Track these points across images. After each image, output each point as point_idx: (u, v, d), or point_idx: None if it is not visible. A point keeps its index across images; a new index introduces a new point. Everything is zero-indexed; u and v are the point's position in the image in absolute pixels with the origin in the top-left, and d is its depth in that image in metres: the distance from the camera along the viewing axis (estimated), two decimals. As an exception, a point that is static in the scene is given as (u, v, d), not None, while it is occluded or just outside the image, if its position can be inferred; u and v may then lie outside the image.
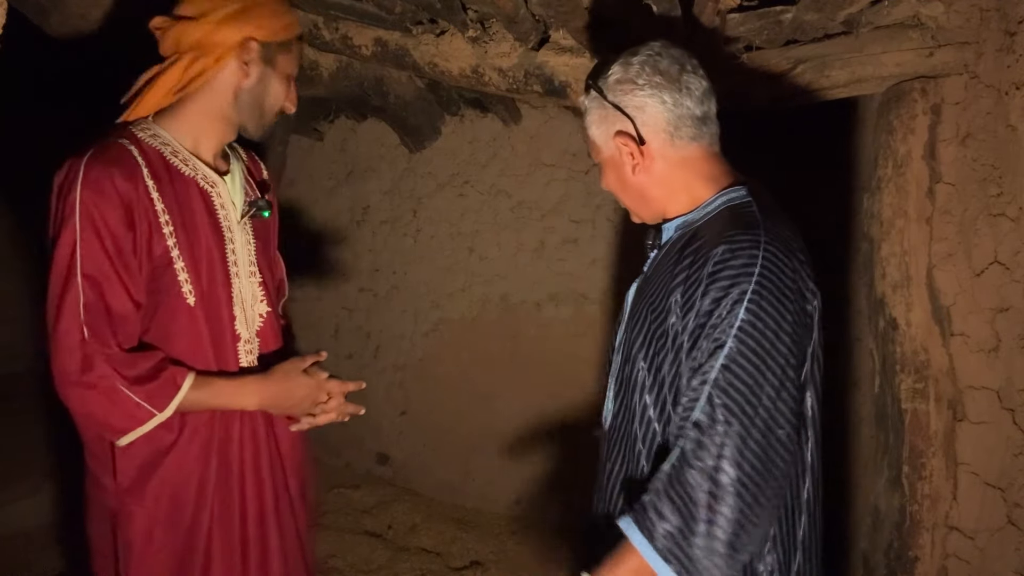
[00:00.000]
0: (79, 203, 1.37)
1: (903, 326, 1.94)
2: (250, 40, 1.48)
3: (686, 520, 1.10)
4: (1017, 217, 1.71)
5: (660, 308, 1.25)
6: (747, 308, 1.12)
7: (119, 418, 1.40)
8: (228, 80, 1.51)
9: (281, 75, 1.56)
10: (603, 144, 1.34)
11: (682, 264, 1.23)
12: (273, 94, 1.57)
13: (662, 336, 1.23)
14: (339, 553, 3.14)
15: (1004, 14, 1.74)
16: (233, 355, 1.57)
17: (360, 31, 2.40)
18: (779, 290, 1.14)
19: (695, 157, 1.31)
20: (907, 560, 1.90)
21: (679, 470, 1.12)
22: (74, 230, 1.37)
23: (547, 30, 2.20)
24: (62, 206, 1.39)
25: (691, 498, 1.10)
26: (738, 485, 1.09)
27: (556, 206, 3.46)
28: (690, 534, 1.10)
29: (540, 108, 3.40)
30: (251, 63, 1.50)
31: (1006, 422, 1.74)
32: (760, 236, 1.18)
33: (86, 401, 1.38)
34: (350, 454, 3.97)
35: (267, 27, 1.50)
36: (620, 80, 1.29)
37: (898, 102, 1.99)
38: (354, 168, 3.99)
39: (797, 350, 1.16)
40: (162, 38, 1.50)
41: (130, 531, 1.48)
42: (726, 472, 1.09)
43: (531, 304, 3.51)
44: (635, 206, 1.38)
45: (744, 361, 1.12)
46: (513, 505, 3.50)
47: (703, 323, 1.16)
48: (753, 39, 2.04)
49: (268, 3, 1.52)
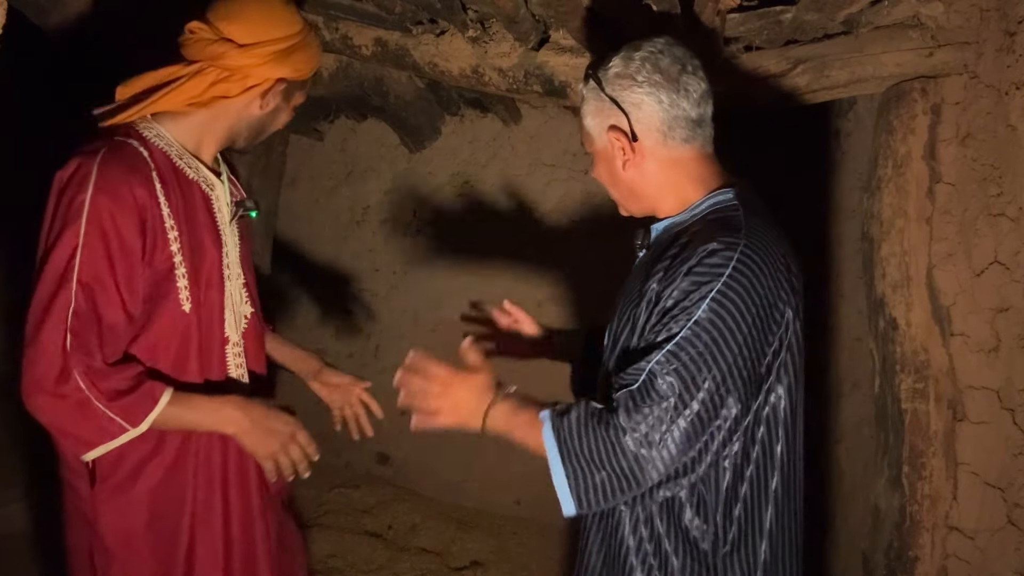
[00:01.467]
0: (88, 206, 1.33)
1: (903, 326, 1.94)
2: (281, 80, 1.51)
3: (595, 464, 1.17)
4: (1017, 217, 1.71)
5: (636, 303, 1.28)
6: (708, 305, 1.16)
7: (90, 431, 1.35)
8: (245, 105, 1.52)
9: (291, 107, 1.61)
10: (596, 136, 1.35)
11: (662, 262, 1.26)
12: (278, 123, 1.62)
13: (633, 330, 1.27)
14: (339, 553, 3.14)
15: (1004, 14, 1.74)
16: (220, 359, 1.55)
17: (360, 31, 2.40)
18: (746, 293, 1.18)
19: (686, 158, 1.32)
20: (907, 560, 1.90)
21: (603, 417, 1.18)
22: (77, 234, 1.33)
23: (547, 30, 2.20)
24: (66, 207, 1.35)
25: (612, 451, 1.16)
26: (650, 452, 1.15)
27: (556, 206, 3.46)
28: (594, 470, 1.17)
29: (540, 108, 3.40)
30: (272, 97, 1.53)
31: (1006, 422, 1.74)
32: (740, 240, 1.20)
33: (56, 412, 1.33)
34: (350, 454, 3.97)
35: (301, 69, 1.53)
36: (620, 74, 1.29)
37: (898, 102, 1.99)
38: (354, 168, 3.99)
39: (750, 353, 1.19)
40: (192, 43, 1.47)
41: (108, 539, 1.45)
42: (630, 441, 1.15)
43: (532, 304, 3.52)
44: (624, 200, 1.40)
45: (691, 349, 1.16)
46: (513, 505, 3.50)
47: (667, 309, 1.19)
48: (753, 39, 2.04)
49: (311, 44, 1.54)
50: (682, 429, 1.16)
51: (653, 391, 1.16)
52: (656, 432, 1.15)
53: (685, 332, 1.16)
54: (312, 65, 1.56)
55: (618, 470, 1.16)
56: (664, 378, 1.16)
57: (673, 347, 1.16)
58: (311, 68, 1.56)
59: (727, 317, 1.16)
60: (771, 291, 1.21)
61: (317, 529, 3.29)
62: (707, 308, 1.16)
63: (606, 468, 1.17)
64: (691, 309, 1.17)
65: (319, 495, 3.60)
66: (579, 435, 1.18)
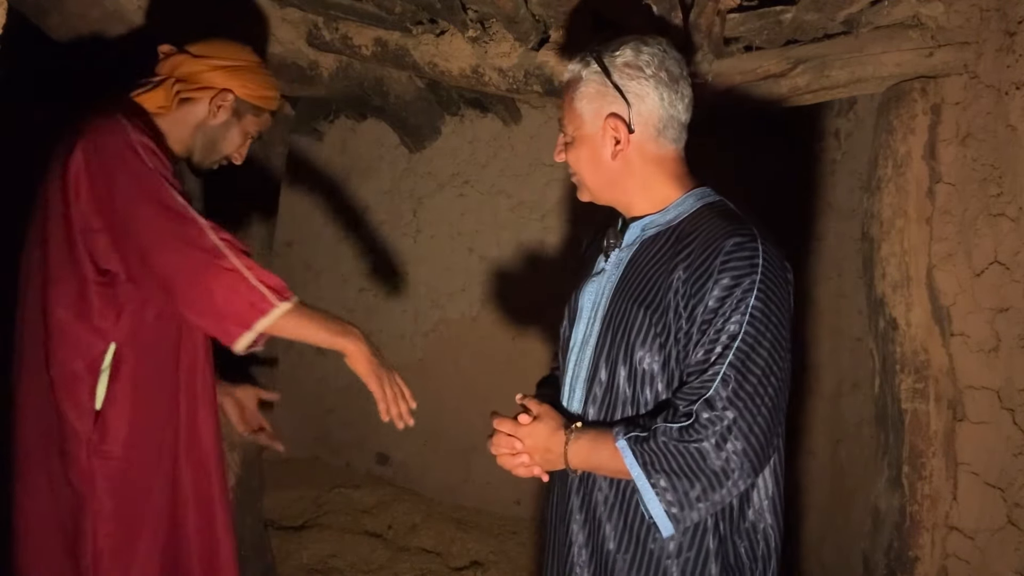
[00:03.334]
0: (138, 144, 1.48)
1: (903, 326, 1.94)
2: (228, 92, 1.68)
3: (688, 478, 1.17)
4: (1017, 217, 1.71)
5: (658, 304, 1.26)
6: (756, 296, 1.18)
7: (245, 307, 1.43)
8: (198, 113, 1.68)
9: (242, 131, 1.74)
10: (590, 120, 1.33)
11: (679, 259, 1.25)
12: (229, 141, 1.74)
13: (664, 331, 1.25)
14: (339, 553, 3.14)
15: (1004, 14, 1.74)
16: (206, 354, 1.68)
17: (360, 31, 2.40)
18: (776, 281, 1.21)
19: (670, 158, 1.34)
20: (907, 560, 1.90)
21: (687, 433, 1.17)
22: (144, 163, 1.47)
23: (547, 30, 2.20)
24: (115, 155, 1.46)
25: (704, 462, 1.16)
26: (743, 457, 1.16)
27: (556, 206, 3.47)
28: (690, 492, 1.18)
29: (540, 108, 3.40)
30: (222, 109, 1.68)
31: (1006, 422, 1.74)
32: (754, 231, 1.23)
33: (221, 283, 1.42)
34: (350, 454, 3.97)
35: (249, 89, 1.70)
36: (629, 64, 1.29)
37: (898, 102, 1.99)
38: (354, 168, 3.99)
39: (789, 335, 1.24)
40: (163, 61, 1.69)
41: (105, 500, 1.52)
42: (734, 445, 1.16)
43: (531, 304, 3.52)
44: (598, 187, 1.38)
45: (757, 346, 1.18)
46: (513, 505, 3.50)
47: (715, 310, 1.19)
48: (753, 39, 2.04)
49: (261, 74, 1.73)
50: (766, 420, 1.18)
51: (730, 393, 1.17)
52: (743, 433, 1.16)
53: (747, 328, 1.18)
54: (263, 94, 1.72)
55: (712, 481, 1.17)
56: (739, 378, 1.17)
57: (741, 344, 1.17)
58: (262, 96, 1.72)
59: (772, 306, 1.19)
60: (785, 279, 1.25)
61: (317, 529, 3.29)
62: (756, 300, 1.18)
63: (700, 482, 1.17)
64: (741, 305, 1.18)
65: (319, 495, 3.60)
66: (664, 456, 1.18)
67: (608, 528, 1.30)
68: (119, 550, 1.54)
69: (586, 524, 1.34)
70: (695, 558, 1.25)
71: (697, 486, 1.17)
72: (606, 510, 1.31)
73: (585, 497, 1.34)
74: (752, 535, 1.28)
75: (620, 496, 1.29)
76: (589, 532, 1.33)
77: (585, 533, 1.34)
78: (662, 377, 1.26)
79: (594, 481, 1.32)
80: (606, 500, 1.31)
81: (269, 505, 3.29)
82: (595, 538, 1.32)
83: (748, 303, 1.18)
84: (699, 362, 1.21)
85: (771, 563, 1.30)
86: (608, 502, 1.30)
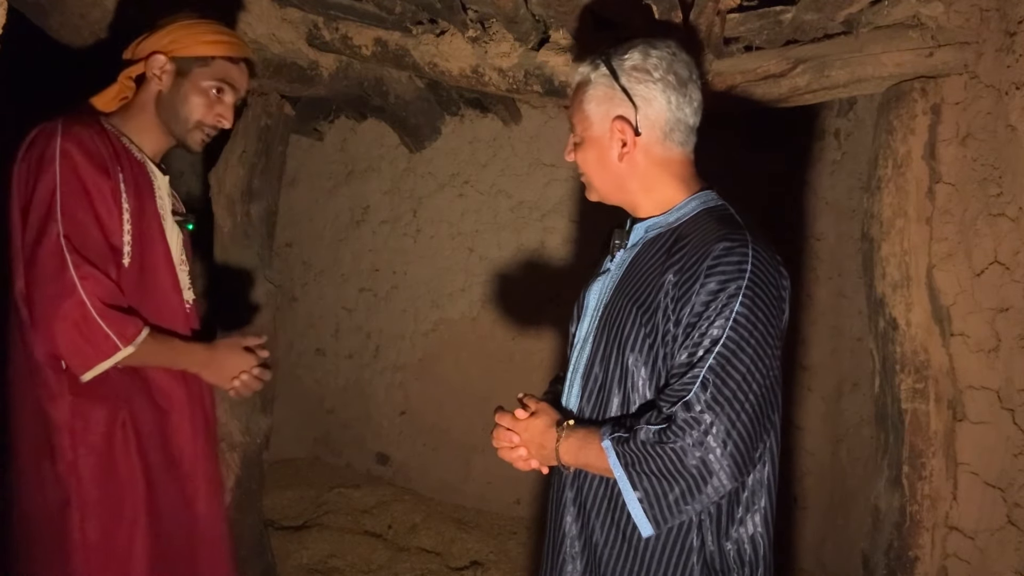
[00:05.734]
0: (58, 151, 1.49)
1: (903, 326, 1.94)
2: (156, 53, 1.65)
3: (667, 480, 1.18)
4: (1017, 217, 1.71)
5: (649, 305, 1.27)
6: (741, 302, 1.18)
7: (91, 348, 1.48)
8: (152, 90, 1.68)
9: (197, 88, 1.68)
10: (597, 122, 1.35)
11: (671, 261, 1.26)
12: (192, 105, 1.68)
13: (652, 332, 1.26)
14: (339, 553, 3.13)
15: (1004, 14, 1.74)
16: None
17: (360, 31, 2.40)
18: (765, 286, 1.21)
19: (676, 161, 1.35)
20: (907, 560, 1.90)
21: (666, 435, 1.18)
22: (54, 176, 1.48)
23: (547, 30, 2.20)
24: (38, 159, 1.50)
25: (681, 464, 1.17)
26: (722, 460, 1.17)
27: (556, 206, 3.46)
28: (670, 492, 1.19)
29: (540, 108, 3.40)
30: (164, 74, 1.66)
31: (1006, 422, 1.74)
32: (747, 237, 1.23)
33: (66, 321, 1.45)
34: (350, 454, 3.97)
35: (181, 44, 1.66)
36: (637, 67, 1.30)
37: (898, 102, 1.99)
38: (354, 168, 3.99)
39: (777, 341, 1.23)
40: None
41: (86, 481, 1.54)
42: (712, 448, 1.16)
43: (531, 304, 3.52)
44: (606, 189, 1.40)
45: (739, 351, 1.18)
46: (513, 505, 3.50)
47: (699, 313, 1.20)
48: (753, 39, 2.04)
49: (193, 25, 1.68)
50: (746, 425, 1.18)
51: (708, 397, 1.17)
52: (720, 436, 1.16)
53: (729, 333, 1.18)
54: (201, 41, 1.66)
55: (691, 483, 1.17)
56: (718, 382, 1.17)
57: (723, 349, 1.18)
58: (201, 44, 1.66)
59: (758, 312, 1.19)
60: (777, 284, 1.25)
61: (317, 529, 3.29)
62: (740, 306, 1.18)
63: (679, 483, 1.18)
64: (725, 310, 1.18)
65: (319, 495, 3.60)
66: (644, 457, 1.19)
67: (596, 523, 1.32)
68: (105, 542, 1.55)
69: (579, 517, 1.36)
70: (678, 556, 1.27)
71: (676, 488, 1.18)
72: (596, 505, 1.33)
73: (578, 491, 1.36)
74: (740, 539, 1.28)
75: (608, 492, 1.31)
76: (581, 525, 1.35)
77: (578, 526, 1.36)
78: (650, 377, 1.28)
79: (586, 476, 1.34)
80: (596, 495, 1.32)
81: (269, 505, 3.29)
82: (586, 531, 1.34)
83: (733, 308, 1.18)
84: (682, 364, 1.22)
85: (759, 570, 1.30)
86: (598, 498, 1.32)
